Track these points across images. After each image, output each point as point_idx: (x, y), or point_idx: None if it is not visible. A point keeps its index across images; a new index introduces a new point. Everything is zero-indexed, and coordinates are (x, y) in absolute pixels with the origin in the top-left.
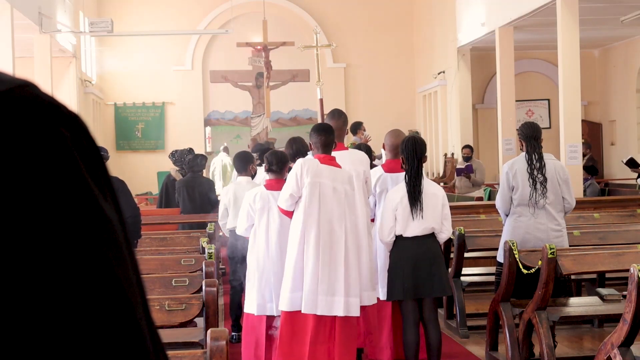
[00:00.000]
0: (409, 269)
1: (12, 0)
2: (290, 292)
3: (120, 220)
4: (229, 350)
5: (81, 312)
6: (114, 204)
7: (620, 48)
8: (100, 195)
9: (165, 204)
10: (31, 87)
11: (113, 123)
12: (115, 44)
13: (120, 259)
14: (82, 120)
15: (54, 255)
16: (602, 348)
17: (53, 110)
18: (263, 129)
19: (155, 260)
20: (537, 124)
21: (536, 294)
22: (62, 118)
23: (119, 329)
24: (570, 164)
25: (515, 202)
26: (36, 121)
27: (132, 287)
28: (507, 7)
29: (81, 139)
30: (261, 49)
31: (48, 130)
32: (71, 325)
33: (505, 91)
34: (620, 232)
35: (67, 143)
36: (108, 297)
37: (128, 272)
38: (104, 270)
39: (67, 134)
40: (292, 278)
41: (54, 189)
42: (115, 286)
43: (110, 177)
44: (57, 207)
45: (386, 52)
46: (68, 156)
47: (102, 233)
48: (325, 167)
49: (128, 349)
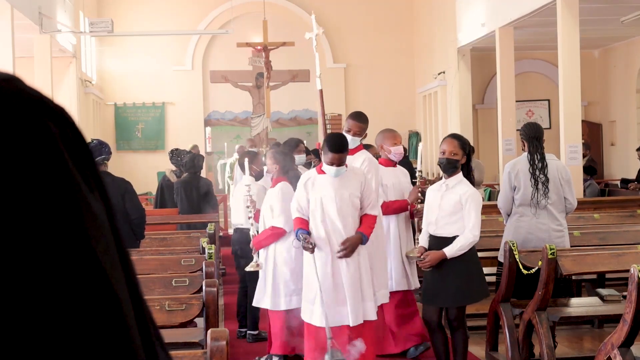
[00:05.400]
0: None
1: (12, 1)
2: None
3: (109, 214)
4: (229, 350)
5: (64, 304)
6: (102, 197)
7: (620, 48)
8: (86, 189)
9: (160, 204)
10: (16, 80)
11: (113, 123)
12: (115, 44)
13: (106, 253)
14: (68, 113)
15: (39, 248)
16: (602, 348)
17: (38, 104)
18: (263, 129)
19: (155, 261)
20: (539, 125)
21: (536, 295)
22: (48, 111)
23: (102, 323)
24: (570, 165)
25: (517, 202)
26: (22, 114)
27: (118, 281)
28: (507, 7)
29: (67, 132)
30: (261, 49)
31: (34, 123)
32: (53, 318)
33: (506, 91)
34: (620, 232)
35: (54, 136)
36: (93, 290)
37: (115, 266)
38: (90, 264)
39: (54, 127)
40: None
41: (39, 182)
42: (100, 279)
43: (106, 172)
44: (43, 200)
45: (386, 52)
46: (54, 149)
47: (87, 226)
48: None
49: (112, 343)
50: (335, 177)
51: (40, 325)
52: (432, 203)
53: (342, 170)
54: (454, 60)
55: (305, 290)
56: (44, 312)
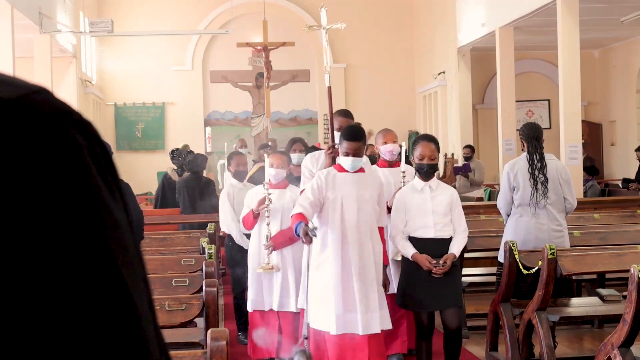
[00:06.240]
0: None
1: (12, 1)
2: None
3: (129, 221)
4: (229, 350)
5: (85, 311)
6: (123, 206)
7: (620, 48)
8: (110, 197)
9: (161, 204)
10: (45, 93)
11: (113, 123)
12: (115, 44)
13: (127, 260)
14: (94, 126)
15: (64, 254)
16: (602, 348)
17: (66, 116)
18: (263, 129)
19: (156, 261)
20: (538, 125)
21: (536, 295)
22: (75, 124)
23: (121, 330)
24: (570, 165)
25: (517, 202)
26: (50, 126)
27: (138, 288)
28: (507, 7)
29: (94, 144)
30: (261, 49)
31: (61, 135)
32: (74, 324)
33: (506, 91)
34: (620, 232)
35: (80, 147)
36: (112, 298)
37: (135, 273)
38: (110, 271)
39: (82, 139)
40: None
41: (66, 192)
42: (120, 287)
43: (120, 180)
44: (69, 210)
45: (386, 52)
46: (81, 160)
47: (110, 234)
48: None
49: (130, 350)
50: (355, 175)
51: (56, 332)
52: (418, 206)
53: (358, 163)
54: (454, 60)
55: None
56: (61, 319)
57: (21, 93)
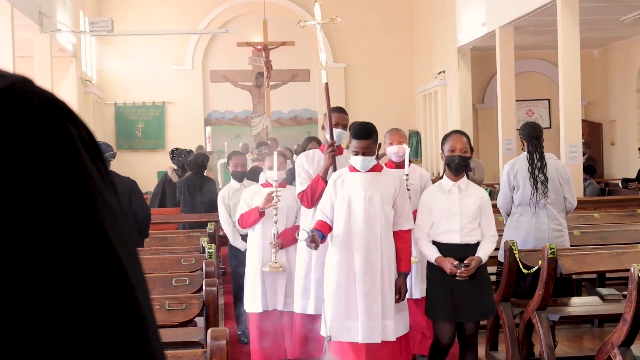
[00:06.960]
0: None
1: (12, 0)
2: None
3: (120, 207)
4: (229, 349)
5: (83, 297)
6: (114, 193)
7: (620, 48)
8: (101, 182)
9: (160, 203)
10: (30, 82)
11: (113, 123)
12: (115, 43)
13: (124, 248)
14: (78, 114)
15: (62, 240)
16: (602, 348)
17: (55, 104)
18: (263, 128)
19: (156, 260)
20: (538, 124)
21: (536, 294)
22: (62, 112)
23: (123, 316)
24: (570, 164)
25: (517, 201)
26: (41, 114)
27: (137, 273)
28: (507, 7)
29: (81, 131)
30: (261, 48)
31: (53, 123)
32: (73, 309)
33: (506, 91)
34: (620, 231)
35: (71, 134)
36: (112, 282)
37: (131, 257)
38: (109, 256)
39: (71, 127)
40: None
41: (62, 178)
42: (118, 274)
43: (113, 172)
44: (66, 196)
45: (386, 52)
46: (74, 146)
47: (106, 220)
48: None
49: (130, 338)
50: (366, 175)
51: (47, 316)
52: (444, 208)
53: (369, 162)
54: (454, 60)
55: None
56: (61, 305)
57: (8, 82)
